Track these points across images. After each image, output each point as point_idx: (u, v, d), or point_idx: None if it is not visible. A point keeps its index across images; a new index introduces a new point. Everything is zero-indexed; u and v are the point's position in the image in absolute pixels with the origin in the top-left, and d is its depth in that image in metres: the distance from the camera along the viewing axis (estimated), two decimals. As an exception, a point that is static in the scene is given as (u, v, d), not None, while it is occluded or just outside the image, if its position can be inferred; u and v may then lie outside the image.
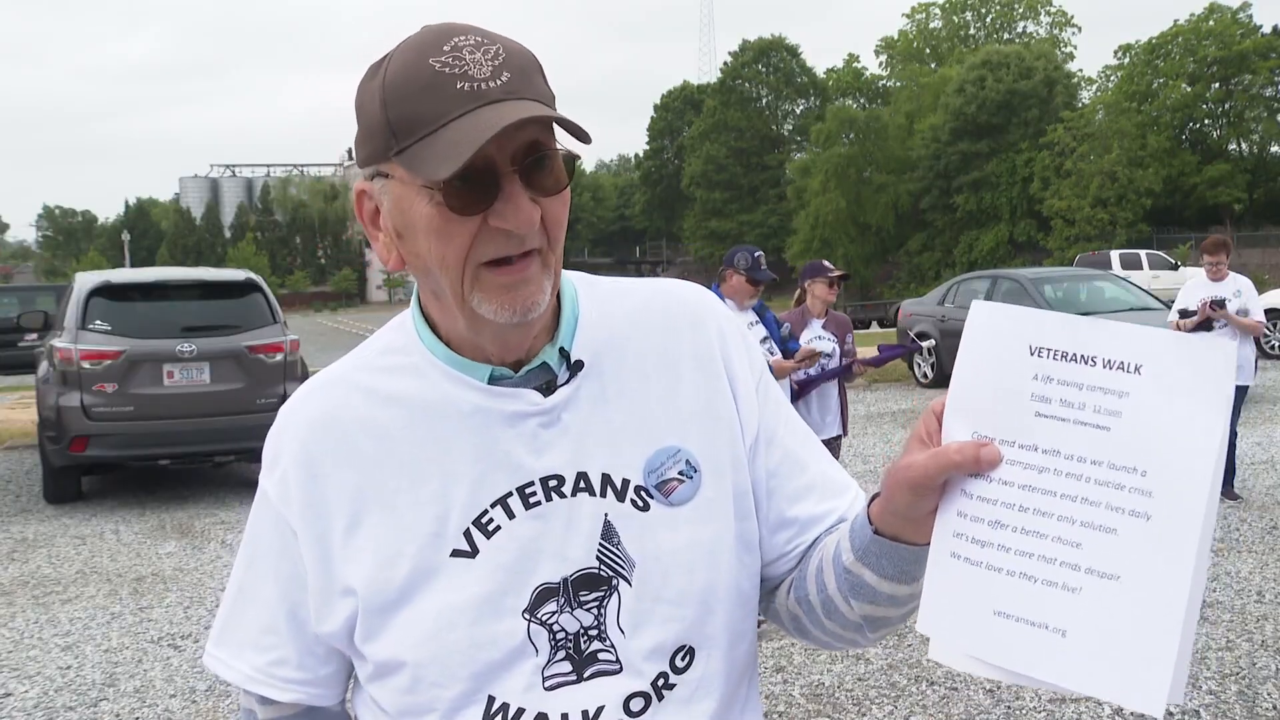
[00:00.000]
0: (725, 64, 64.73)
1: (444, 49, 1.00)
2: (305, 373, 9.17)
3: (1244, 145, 48.51)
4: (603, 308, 1.17)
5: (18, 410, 14.02)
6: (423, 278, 1.08)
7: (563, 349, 1.13)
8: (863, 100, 63.43)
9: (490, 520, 1.08)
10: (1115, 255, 29.77)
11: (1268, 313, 13.15)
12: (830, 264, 6.20)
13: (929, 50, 63.61)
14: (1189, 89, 46.48)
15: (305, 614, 1.13)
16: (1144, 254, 30.27)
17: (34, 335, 13.00)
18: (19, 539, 7.80)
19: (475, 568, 1.07)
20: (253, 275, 9.45)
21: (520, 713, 1.07)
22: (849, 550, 1.06)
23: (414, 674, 1.07)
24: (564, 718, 1.07)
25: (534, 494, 1.09)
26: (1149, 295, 15.05)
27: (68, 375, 8.32)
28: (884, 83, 64.63)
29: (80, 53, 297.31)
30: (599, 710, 1.07)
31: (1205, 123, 48.74)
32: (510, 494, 1.08)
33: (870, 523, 1.02)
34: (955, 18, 64.11)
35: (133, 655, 5.35)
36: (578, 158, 1.06)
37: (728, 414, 1.16)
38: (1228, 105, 46.91)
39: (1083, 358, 0.87)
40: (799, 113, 64.77)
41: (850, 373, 5.94)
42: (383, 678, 1.10)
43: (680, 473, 1.12)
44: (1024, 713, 4.31)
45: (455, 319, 1.08)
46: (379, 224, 1.09)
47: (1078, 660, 0.85)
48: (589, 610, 1.08)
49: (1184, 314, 7.81)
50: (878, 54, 65.42)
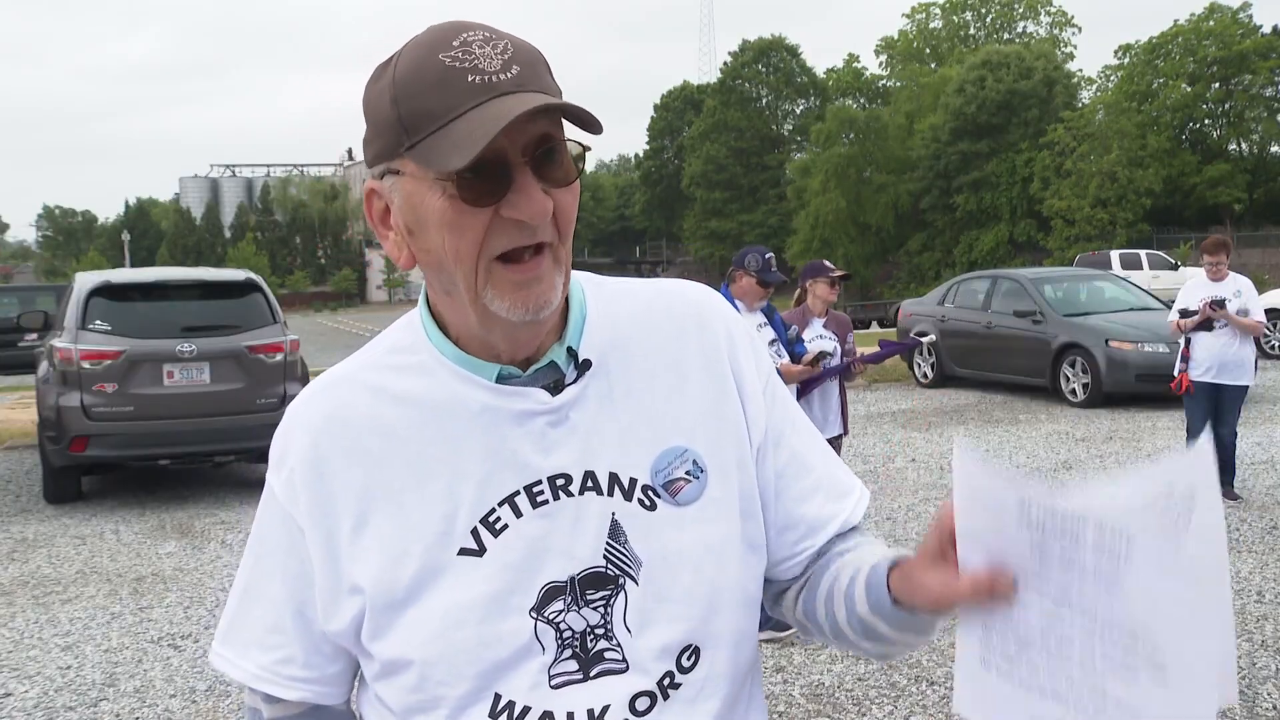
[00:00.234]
0: (725, 64, 64.69)
1: (453, 44, 1.01)
2: (305, 373, 9.17)
3: (1244, 145, 48.51)
4: (610, 307, 1.17)
5: (18, 410, 13.99)
6: (434, 274, 1.08)
7: (571, 348, 1.13)
8: (863, 100, 63.37)
9: (498, 519, 1.08)
10: (1115, 255, 29.82)
11: (1268, 313, 13.13)
12: (831, 264, 6.22)
13: (929, 50, 63.56)
14: (1189, 89, 46.47)
15: (312, 612, 1.12)
16: (1144, 254, 30.30)
17: (34, 335, 12.99)
18: (19, 539, 7.80)
19: (483, 566, 1.07)
20: (253, 275, 9.43)
21: (526, 711, 1.07)
22: (863, 601, 1.11)
23: (421, 672, 1.07)
24: (570, 716, 1.07)
25: (541, 493, 1.09)
26: (1149, 295, 15.04)
27: (68, 375, 8.30)
28: (884, 83, 64.56)
29: (80, 53, 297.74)
30: (605, 709, 1.08)
31: (1205, 123, 48.73)
32: (518, 493, 1.08)
33: (889, 591, 1.08)
34: (955, 18, 64.07)
35: (133, 655, 5.35)
36: (588, 148, 1.07)
37: (734, 415, 1.16)
38: (1228, 105, 46.91)
39: (1075, 517, 0.92)
40: (799, 113, 64.71)
41: (850, 372, 5.95)
42: (389, 676, 1.10)
43: (687, 473, 1.12)
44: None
45: (466, 316, 1.08)
46: (389, 223, 1.09)
47: None
48: (596, 609, 1.08)
49: (1184, 314, 7.80)
50: (878, 54, 65.43)
